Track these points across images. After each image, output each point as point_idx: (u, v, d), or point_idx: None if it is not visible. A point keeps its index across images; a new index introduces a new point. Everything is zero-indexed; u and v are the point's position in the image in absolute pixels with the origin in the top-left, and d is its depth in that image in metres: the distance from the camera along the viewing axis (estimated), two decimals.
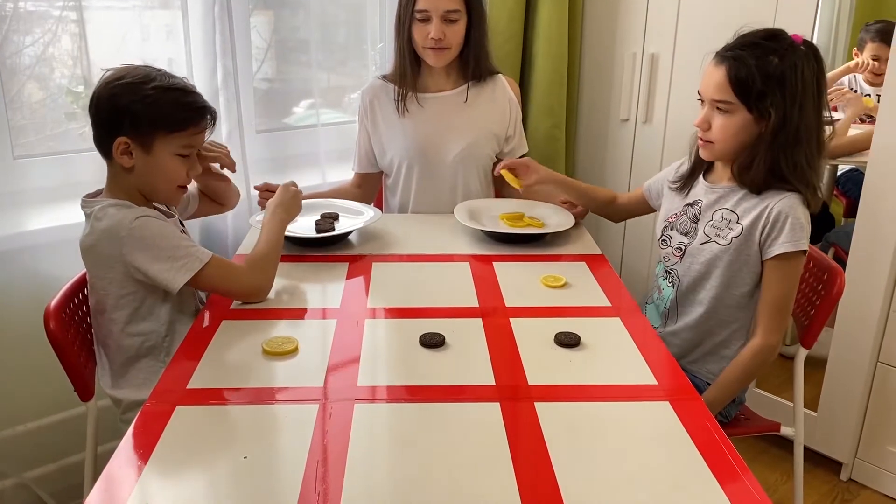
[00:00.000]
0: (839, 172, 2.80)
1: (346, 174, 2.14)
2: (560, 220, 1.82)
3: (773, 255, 1.42)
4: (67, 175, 1.85)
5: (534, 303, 1.45)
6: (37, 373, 1.72)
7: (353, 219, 1.81)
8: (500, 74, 2.01)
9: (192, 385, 1.14)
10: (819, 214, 2.67)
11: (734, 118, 1.42)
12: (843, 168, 2.77)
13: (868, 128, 2.56)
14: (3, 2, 1.74)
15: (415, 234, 1.83)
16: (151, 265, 1.33)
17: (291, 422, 1.06)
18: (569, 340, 1.27)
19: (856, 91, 2.67)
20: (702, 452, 0.99)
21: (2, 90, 1.74)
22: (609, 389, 1.16)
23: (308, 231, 1.72)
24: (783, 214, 1.40)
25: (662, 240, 1.62)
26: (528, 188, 1.81)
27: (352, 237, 1.78)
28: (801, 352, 1.60)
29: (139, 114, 1.34)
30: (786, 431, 1.62)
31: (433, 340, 1.27)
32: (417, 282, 1.56)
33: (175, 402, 1.09)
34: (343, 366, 1.20)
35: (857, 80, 2.66)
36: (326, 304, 1.44)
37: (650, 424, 1.07)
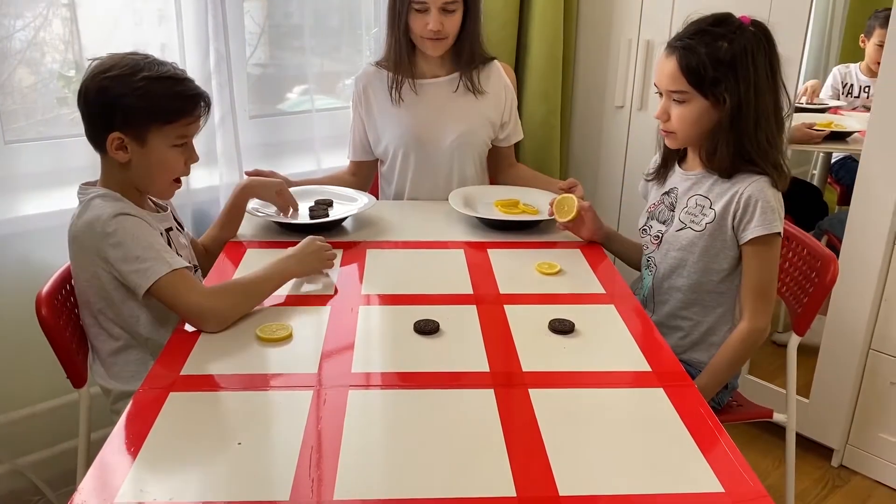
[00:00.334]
0: (833, 160, 2.80)
1: (341, 161, 2.13)
2: None
3: (748, 240, 1.43)
4: (59, 160, 1.84)
5: (528, 290, 1.45)
6: (29, 359, 1.72)
7: (348, 205, 1.80)
8: (496, 60, 1.99)
9: (186, 371, 1.14)
10: (812, 202, 2.70)
11: (691, 107, 1.43)
12: (837, 156, 2.78)
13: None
14: None
15: (409, 221, 1.82)
16: (122, 265, 1.29)
17: (285, 408, 1.06)
18: (563, 327, 1.28)
19: (853, 85, 2.67)
20: (695, 438, 0.99)
21: None
22: (603, 376, 1.16)
23: (302, 217, 1.71)
24: (753, 199, 1.41)
25: (643, 229, 1.62)
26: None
27: (346, 224, 1.77)
28: (794, 339, 1.61)
29: (131, 107, 1.30)
30: (778, 418, 1.63)
31: (427, 327, 1.26)
32: (412, 269, 1.56)
33: (168, 389, 1.09)
34: (337, 352, 1.20)
35: (856, 73, 2.66)
36: (320, 291, 1.43)
37: (644, 411, 1.07)
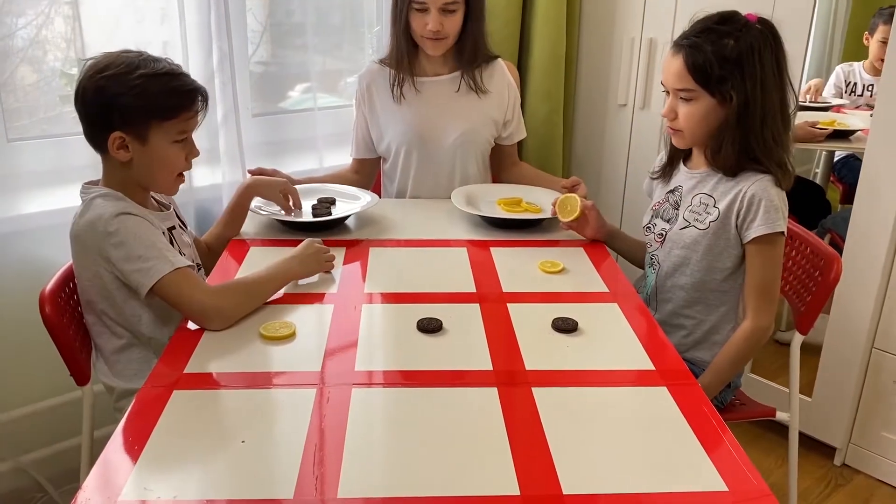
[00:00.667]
0: (836, 159, 2.80)
1: (344, 159, 2.13)
2: None
3: (752, 239, 1.43)
4: (62, 158, 1.84)
5: (531, 288, 1.45)
6: (32, 357, 1.72)
7: (350, 203, 1.80)
8: (499, 58, 1.99)
9: (189, 369, 1.14)
10: (815, 200, 2.69)
11: (698, 105, 1.43)
12: (840, 154, 2.77)
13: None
14: None
15: (412, 220, 1.82)
16: (124, 264, 1.29)
17: (289, 406, 1.06)
18: (566, 326, 1.27)
19: (856, 83, 2.66)
20: (698, 437, 0.99)
21: None
22: (606, 375, 1.16)
23: (305, 216, 1.71)
24: (756, 197, 1.41)
25: (647, 227, 1.62)
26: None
27: (349, 222, 1.77)
28: (797, 337, 1.60)
29: (130, 106, 1.30)
30: (781, 417, 1.63)
31: (431, 325, 1.26)
32: (414, 267, 1.56)
33: (172, 387, 1.09)
34: (340, 350, 1.20)
35: (859, 72, 2.65)
36: (323, 289, 1.43)
37: (647, 409, 1.07)
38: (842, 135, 2.49)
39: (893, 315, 1.96)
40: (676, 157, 1.60)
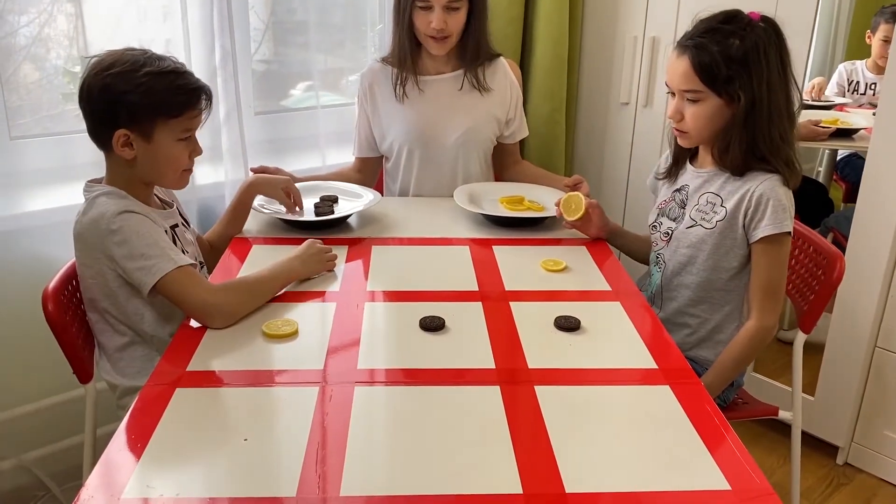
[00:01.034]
0: (838, 157, 2.79)
1: (346, 157, 2.13)
2: None
3: (759, 239, 1.42)
4: (64, 156, 1.84)
5: (534, 287, 1.45)
6: (35, 355, 1.72)
7: (353, 201, 1.80)
8: (502, 57, 1.99)
9: (192, 367, 1.14)
10: (818, 199, 2.69)
11: (705, 106, 1.42)
12: (843, 153, 2.77)
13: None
14: None
15: (414, 218, 1.82)
16: (126, 262, 1.29)
17: (291, 404, 1.06)
18: (569, 324, 1.27)
19: (859, 82, 2.66)
20: (701, 436, 0.99)
21: None
22: (609, 373, 1.16)
23: (307, 214, 1.71)
24: (765, 197, 1.41)
25: (653, 225, 1.62)
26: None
27: (351, 220, 1.77)
28: (800, 336, 1.60)
29: (136, 104, 1.31)
30: (783, 415, 1.63)
31: (433, 324, 1.26)
32: (417, 265, 1.55)
33: (174, 384, 1.09)
34: (343, 349, 1.20)
35: (862, 70, 2.65)
36: (326, 287, 1.43)
37: (650, 408, 1.07)
38: (845, 133, 2.49)
39: None
40: (682, 157, 1.59)
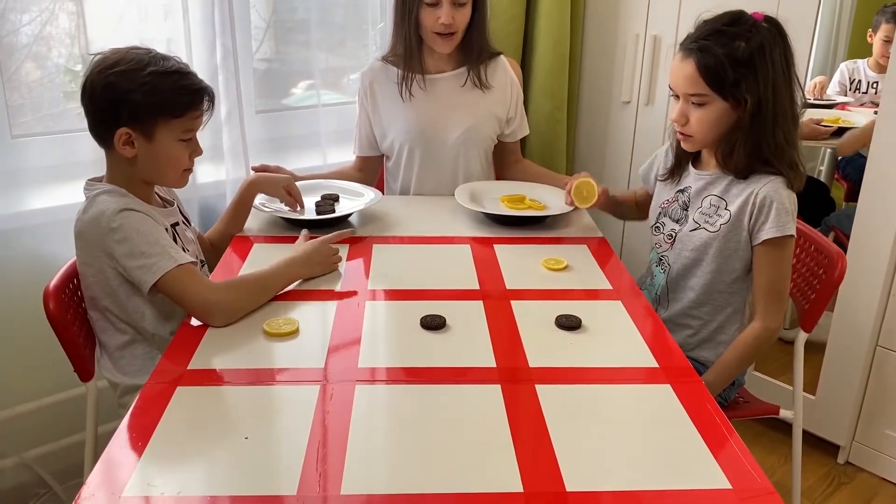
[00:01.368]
0: (840, 156, 2.79)
1: (347, 155, 2.13)
2: (561, 203, 1.81)
3: (762, 241, 1.42)
4: (66, 154, 1.84)
5: (535, 285, 1.45)
6: (36, 353, 1.72)
7: (354, 200, 1.80)
8: (502, 55, 1.99)
9: (193, 366, 1.14)
10: (819, 198, 2.68)
11: (710, 109, 1.41)
12: None
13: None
14: None
15: (415, 216, 1.82)
16: (127, 260, 1.29)
17: (292, 403, 1.06)
18: (570, 323, 1.27)
19: (860, 80, 2.65)
20: (702, 435, 0.99)
21: None
22: (610, 372, 1.16)
23: (308, 212, 1.71)
24: (768, 199, 1.40)
25: (656, 226, 1.62)
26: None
27: (352, 219, 1.77)
28: (801, 335, 1.60)
29: (139, 102, 1.31)
30: (784, 414, 1.63)
31: (434, 322, 1.26)
32: (418, 264, 1.55)
33: (175, 383, 1.09)
34: (344, 347, 1.20)
35: (864, 69, 2.64)
36: (327, 286, 1.43)
37: (651, 407, 1.07)
38: (846, 132, 2.49)
39: None
40: (685, 160, 1.58)
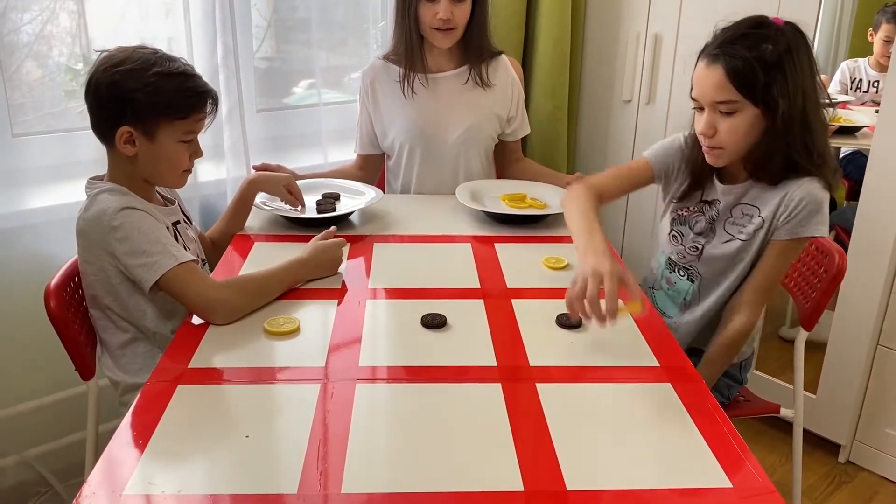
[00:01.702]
0: (841, 155, 2.79)
1: (348, 154, 2.13)
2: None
3: (786, 238, 1.38)
4: (66, 153, 1.84)
5: (535, 284, 1.45)
6: (38, 352, 1.72)
7: (355, 199, 1.80)
8: (503, 54, 1.99)
9: (194, 364, 1.14)
10: None
11: (742, 117, 1.34)
12: (845, 151, 2.76)
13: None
14: None
15: (416, 215, 1.82)
16: (128, 259, 1.30)
17: (293, 401, 1.06)
18: (570, 322, 1.27)
19: (861, 79, 2.65)
20: (703, 433, 0.99)
21: (0, 68, 1.73)
22: (610, 371, 1.16)
23: (309, 211, 1.71)
24: (804, 200, 1.35)
25: (673, 235, 1.56)
26: None
27: (353, 217, 1.77)
28: (802, 334, 1.60)
29: (142, 102, 1.31)
30: (785, 413, 1.63)
31: (435, 321, 1.26)
32: (419, 263, 1.56)
33: (176, 381, 1.09)
34: (344, 346, 1.20)
35: (864, 68, 2.64)
36: (327, 285, 1.43)
37: (652, 405, 1.07)
38: (847, 131, 2.48)
39: None
40: (706, 177, 1.48)
